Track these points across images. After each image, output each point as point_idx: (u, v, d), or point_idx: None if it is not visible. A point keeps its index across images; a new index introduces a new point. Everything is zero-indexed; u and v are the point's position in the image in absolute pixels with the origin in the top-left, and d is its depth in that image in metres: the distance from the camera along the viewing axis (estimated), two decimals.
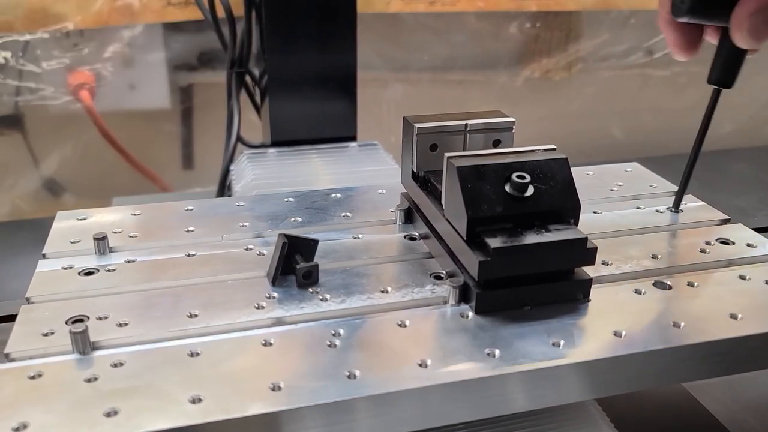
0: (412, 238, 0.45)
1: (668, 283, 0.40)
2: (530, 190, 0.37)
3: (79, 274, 0.41)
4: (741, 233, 0.46)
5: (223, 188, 0.80)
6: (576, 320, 0.36)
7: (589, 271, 0.38)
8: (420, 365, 0.32)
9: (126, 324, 0.36)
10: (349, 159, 0.73)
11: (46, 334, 0.35)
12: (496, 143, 0.44)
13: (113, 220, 0.47)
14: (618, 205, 0.51)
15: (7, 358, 0.34)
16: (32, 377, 0.32)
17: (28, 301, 0.38)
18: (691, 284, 0.40)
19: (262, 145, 0.79)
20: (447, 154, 0.38)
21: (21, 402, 0.30)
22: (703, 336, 0.35)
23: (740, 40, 0.38)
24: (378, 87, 1.16)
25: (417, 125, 0.43)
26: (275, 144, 0.77)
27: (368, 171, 0.70)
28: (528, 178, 0.36)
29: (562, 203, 0.37)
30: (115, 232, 0.45)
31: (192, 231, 0.46)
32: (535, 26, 1.20)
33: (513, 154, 0.38)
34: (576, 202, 0.38)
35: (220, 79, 0.80)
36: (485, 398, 0.33)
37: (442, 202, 0.40)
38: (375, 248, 0.44)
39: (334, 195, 0.51)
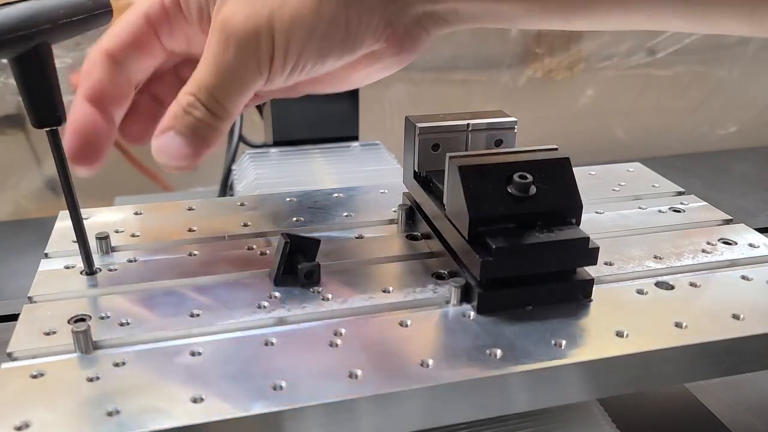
0: (414, 238, 0.45)
1: (670, 283, 0.40)
2: (532, 190, 0.37)
3: (81, 273, 0.41)
4: (743, 233, 0.46)
5: (225, 188, 0.80)
6: (578, 320, 0.36)
7: (591, 271, 0.38)
8: (422, 365, 0.32)
9: (128, 323, 0.36)
10: (351, 159, 0.74)
11: (48, 334, 0.35)
12: (498, 143, 0.44)
13: (115, 219, 0.47)
14: (620, 205, 0.50)
15: (10, 357, 0.34)
16: (34, 376, 0.32)
17: (30, 300, 0.38)
18: (693, 284, 0.40)
19: (264, 145, 0.79)
20: (449, 154, 0.38)
21: (23, 401, 0.30)
22: (706, 336, 0.35)
23: None
24: (380, 86, 1.16)
25: (419, 125, 0.43)
26: (277, 143, 0.77)
27: (370, 171, 0.70)
28: (530, 178, 0.36)
29: (564, 203, 0.37)
30: (117, 232, 0.45)
31: (194, 230, 0.46)
32: None
33: (515, 154, 0.38)
34: (578, 202, 0.37)
35: None
36: (487, 398, 0.33)
37: (444, 201, 0.40)
38: (377, 248, 0.44)
39: (336, 195, 0.51)
